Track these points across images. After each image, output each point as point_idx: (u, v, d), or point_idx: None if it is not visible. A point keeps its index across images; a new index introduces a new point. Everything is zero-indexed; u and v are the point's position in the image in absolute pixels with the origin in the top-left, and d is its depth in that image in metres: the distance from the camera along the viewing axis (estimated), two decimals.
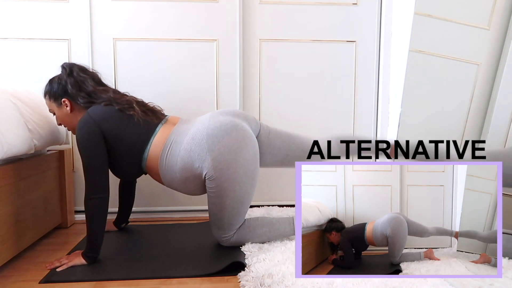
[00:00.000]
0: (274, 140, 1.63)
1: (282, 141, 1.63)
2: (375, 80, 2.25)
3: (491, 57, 1.93)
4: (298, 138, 1.66)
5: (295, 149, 1.63)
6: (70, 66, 1.57)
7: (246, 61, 2.17)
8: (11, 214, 1.44)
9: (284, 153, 1.63)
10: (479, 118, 1.95)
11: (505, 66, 1.89)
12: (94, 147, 1.46)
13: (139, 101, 1.62)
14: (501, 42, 1.91)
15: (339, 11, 2.19)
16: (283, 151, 1.63)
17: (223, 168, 1.45)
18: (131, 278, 1.34)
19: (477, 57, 1.93)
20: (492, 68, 1.93)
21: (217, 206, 1.50)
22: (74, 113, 1.57)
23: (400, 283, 1.17)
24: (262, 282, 1.22)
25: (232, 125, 1.49)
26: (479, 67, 1.93)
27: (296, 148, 1.63)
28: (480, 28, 1.90)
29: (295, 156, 1.63)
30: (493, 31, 1.90)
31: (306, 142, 1.65)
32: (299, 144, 1.64)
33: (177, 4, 2.08)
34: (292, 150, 1.63)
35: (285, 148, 1.63)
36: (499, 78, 1.91)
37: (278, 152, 1.63)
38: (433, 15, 1.90)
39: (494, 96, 1.93)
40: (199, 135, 1.47)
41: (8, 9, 2.01)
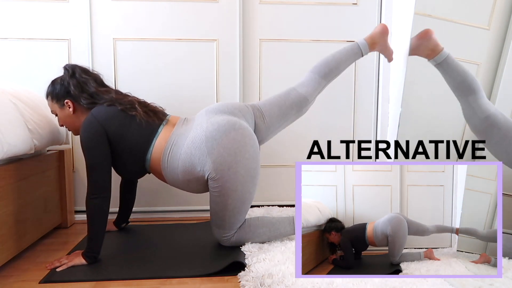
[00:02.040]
0: (270, 120, 1.64)
1: (277, 116, 1.65)
2: (375, 80, 2.25)
3: (491, 57, 1.93)
4: (288, 100, 1.66)
5: (289, 110, 1.66)
6: (72, 67, 1.57)
7: (246, 61, 2.18)
8: (11, 214, 1.44)
9: (283, 123, 1.68)
10: None
11: (505, 66, 1.89)
12: (98, 147, 1.46)
13: (141, 101, 1.62)
14: (501, 42, 1.91)
15: (339, 11, 2.19)
16: (282, 122, 1.67)
17: (224, 169, 1.45)
18: (131, 278, 1.34)
19: (477, 57, 1.93)
20: (492, 68, 1.93)
21: (219, 205, 1.50)
22: (76, 114, 1.57)
23: (400, 283, 1.17)
24: (262, 282, 1.22)
25: (230, 125, 1.49)
26: (479, 67, 1.93)
27: (291, 110, 1.66)
28: (480, 28, 1.90)
29: (293, 116, 1.69)
30: (493, 31, 1.90)
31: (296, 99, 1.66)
32: (292, 105, 1.66)
33: (177, 4, 2.08)
34: (289, 115, 1.67)
35: (282, 119, 1.66)
36: (499, 78, 1.91)
37: (278, 127, 1.68)
38: (433, 15, 1.90)
39: (494, 96, 1.93)
40: (198, 138, 1.48)
41: (8, 9, 2.01)
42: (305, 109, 1.70)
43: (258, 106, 1.65)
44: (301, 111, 1.69)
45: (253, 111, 1.63)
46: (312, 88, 1.68)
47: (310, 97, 1.68)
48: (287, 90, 1.68)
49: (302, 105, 1.67)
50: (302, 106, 1.67)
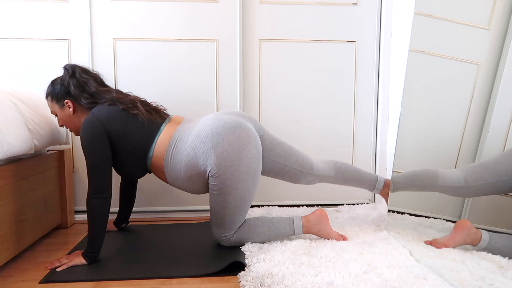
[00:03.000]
0: (276, 147, 1.66)
1: (283, 150, 1.66)
2: (375, 80, 2.25)
3: (491, 57, 1.93)
4: (298, 152, 1.70)
5: (293, 162, 1.67)
6: (72, 67, 1.57)
7: (246, 61, 2.18)
8: (11, 214, 1.44)
9: (283, 163, 1.66)
10: (479, 118, 1.95)
11: (505, 66, 1.89)
12: (99, 147, 1.46)
13: (142, 100, 1.62)
14: (501, 42, 1.91)
15: (339, 11, 2.20)
16: (282, 160, 1.66)
17: (226, 165, 1.45)
18: (131, 278, 1.34)
19: (477, 57, 1.93)
20: (492, 68, 1.93)
21: (219, 203, 1.50)
22: (76, 114, 1.57)
23: (400, 283, 1.17)
24: (262, 282, 1.22)
25: (236, 123, 1.50)
26: (479, 67, 1.93)
27: (295, 162, 1.67)
28: (480, 28, 1.90)
29: (292, 169, 1.68)
30: (493, 31, 1.90)
31: (305, 158, 1.70)
32: (298, 158, 1.68)
33: (177, 4, 2.08)
34: (291, 163, 1.67)
35: (284, 158, 1.66)
36: (499, 78, 1.91)
37: (278, 160, 1.66)
38: (433, 15, 1.90)
39: (494, 96, 1.93)
40: (203, 132, 1.48)
41: (8, 9, 2.01)
42: (303, 178, 1.71)
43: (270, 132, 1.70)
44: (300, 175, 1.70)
45: (264, 129, 1.67)
46: (322, 173, 1.72)
47: (316, 172, 1.71)
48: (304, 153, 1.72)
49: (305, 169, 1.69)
50: (304, 171, 1.69)
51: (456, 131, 1.99)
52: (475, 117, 1.96)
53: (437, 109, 2.00)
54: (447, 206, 2.07)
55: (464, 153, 2.03)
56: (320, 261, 1.36)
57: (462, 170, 1.59)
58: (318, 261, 1.36)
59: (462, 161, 2.04)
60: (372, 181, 1.78)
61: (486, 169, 1.56)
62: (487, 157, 1.75)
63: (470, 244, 1.58)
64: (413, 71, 1.89)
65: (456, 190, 1.59)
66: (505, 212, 1.99)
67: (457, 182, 1.58)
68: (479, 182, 1.56)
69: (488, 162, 1.59)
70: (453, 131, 2.00)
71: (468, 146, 2.02)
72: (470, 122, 1.96)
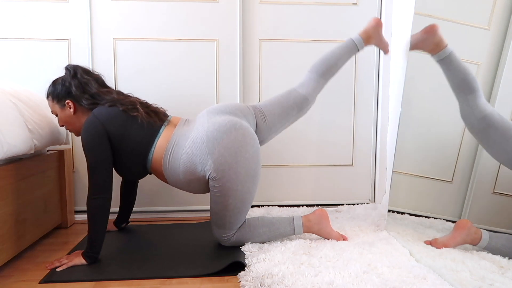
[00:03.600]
0: (272, 121, 1.66)
1: (278, 116, 1.67)
2: (375, 80, 2.25)
3: (491, 57, 1.93)
4: (288, 100, 1.68)
5: (290, 110, 1.68)
6: (74, 68, 1.57)
7: (246, 61, 2.18)
8: (11, 214, 1.44)
9: (284, 123, 1.70)
10: None
11: (505, 66, 1.89)
12: (99, 147, 1.46)
13: (142, 102, 1.62)
14: (501, 42, 1.91)
15: (339, 11, 2.19)
16: (283, 123, 1.69)
17: (224, 169, 1.45)
18: (131, 278, 1.34)
19: (477, 57, 1.93)
20: (492, 68, 1.93)
21: (220, 205, 1.50)
22: (77, 115, 1.57)
23: (400, 283, 1.17)
24: (262, 282, 1.22)
25: (231, 125, 1.49)
26: (479, 67, 1.93)
27: (291, 111, 1.68)
28: (480, 28, 1.90)
29: (294, 116, 1.70)
30: (493, 31, 1.91)
31: (296, 99, 1.68)
32: (292, 105, 1.68)
33: (177, 4, 2.08)
34: (291, 115, 1.69)
35: (283, 119, 1.68)
36: (499, 78, 1.91)
37: (280, 127, 1.69)
38: (433, 15, 1.90)
39: (494, 96, 1.93)
40: (199, 138, 1.48)
41: (8, 9, 2.01)
42: (306, 109, 1.71)
43: (259, 107, 1.66)
44: (302, 111, 1.71)
45: (254, 111, 1.63)
46: (311, 87, 1.70)
47: (310, 96, 1.69)
48: (288, 90, 1.70)
49: (303, 105, 1.69)
50: (303, 106, 1.69)
51: (456, 131, 1.99)
52: None
53: (437, 109, 2.00)
54: (447, 206, 2.08)
55: (464, 152, 2.04)
56: (320, 261, 1.36)
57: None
58: (318, 261, 1.36)
59: (462, 161, 2.04)
60: (351, 46, 1.72)
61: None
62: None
63: (470, 244, 1.58)
64: (413, 71, 1.89)
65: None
66: (505, 212, 1.99)
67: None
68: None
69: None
70: (453, 131, 2.00)
71: (468, 145, 2.02)
72: None
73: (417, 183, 2.08)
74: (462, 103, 1.65)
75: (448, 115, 1.97)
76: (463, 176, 2.04)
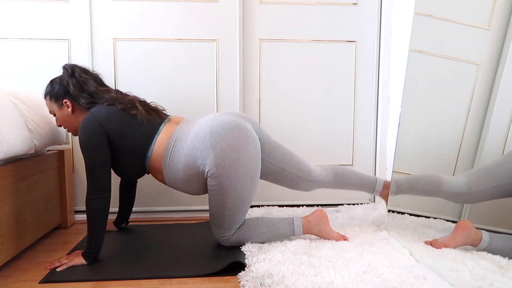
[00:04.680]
0: (275, 150, 1.65)
1: (282, 154, 1.66)
2: (375, 80, 2.25)
3: (491, 57, 1.93)
4: (297, 157, 1.70)
5: (291, 167, 1.66)
6: (72, 67, 1.57)
7: (246, 61, 2.18)
8: (11, 214, 1.44)
9: (281, 166, 1.66)
10: (479, 118, 1.95)
11: (505, 66, 1.89)
12: (98, 147, 1.46)
13: (141, 100, 1.62)
14: (501, 42, 1.91)
15: (339, 11, 2.20)
16: (280, 164, 1.65)
17: (225, 165, 1.45)
18: (131, 278, 1.34)
19: (477, 57, 1.93)
20: (492, 68, 1.93)
21: (218, 204, 1.50)
22: (75, 114, 1.57)
23: (400, 283, 1.17)
24: (262, 282, 1.22)
25: (235, 123, 1.50)
26: (479, 67, 1.93)
27: (293, 166, 1.67)
28: (480, 28, 1.90)
29: (290, 174, 1.67)
30: (493, 31, 1.90)
31: (303, 164, 1.69)
32: (297, 163, 1.68)
33: (177, 4, 2.08)
34: (289, 167, 1.66)
35: (282, 162, 1.66)
36: (499, 78, 1.91)
37: (276, 164, 1.65)
38: (433, 15, 1.90)
39: (494, 96, 1.93)
40: (202, 132, 1.48)
41: (8, 9, 2.01)
42: (300, 185, 1.70)
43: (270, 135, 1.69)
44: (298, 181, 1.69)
45: (263, 131, 1.66)
46: (319, 180, 1.71)
47: (313, 183, 1.70)
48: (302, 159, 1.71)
49: (302, 175, 1.68)
50: (302, 176, 1.68)
51: (456, 131, 1.99)
52: (475, 117, 1.96)
53: (437, 109, 2.00)
54: (447, 206, 2.07)
55: (464, 153, 2.03)
56: (320, 261, 1.36)
57: (465, 176, 1.58)
58: (318, 261, 1.36)
59: (462, 161, 2.03)
60: (372, 183, 1.78)
61: (488, 174, 1.56)
62: (488, 161, 1.75)
63: (471, 245, 1.58)
64: (413, 71, 1.89)
65: (460, 196, 1.58)
66: (505, 213, 1.99)
67: (460, 188, 1.57)
68: (482, 187, 1.55)
69: (489, 166, 1.59)
70: (453, 131, 2.00)
71: (468, 146, 2.02)
72: (470, 122, 1.96)
73: None
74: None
75: (448, 115, 1.97)
76: None
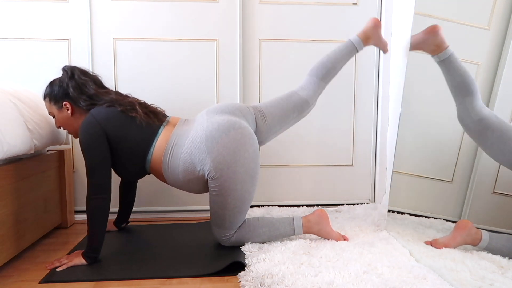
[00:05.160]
0: (272, 122, 1.66)
1: (278, 117, 1.67)
2: (375, 80, 2.25)
3: (491, 57, 1.93)
4: (289, 103, 1.68)
5: (291, 116, 1.69)
6: (71, 68, 1.56)
7: (246, 61, 2.17)
8: (11, 214, 1.44)
9: (284, 126, 1.71)
10: None
11: (505, 66, 1.89)
12: (98, 147, 1.46)
13: (141, 102, 1.62)
14: (501, 42, 1.91)
15: (339, 11, 2.19)
16: (283, 125, 1.69)
17: (223, 168, 1.45)
18: (131, 278, 1.34)
19: (477, 57, 1.93)
20: (492, 68, 1.93)
21: (219, 204, 1.50)
22: (74, 116, 1.57)
23: (400, 283, 1.17)
24: (262, 282, 1.22)
25: (230, 124, 1.49)
26: (479, 67, 1.93)
27: (292, 113, 1.69)
28: (480, 28, 1.90)
29: (294, 118, 1.71)
30: (493, 31, 1.91)
31: (297, 102, 1.68)
32: (293, 107, 1.68)
33: (177, 4, 2.08)
34: (291, 117, 1.69)
35: (283, 121, 1.68)
36: (499, 78, 1.91)
37: (279, 129, 1.70)
38: (433, 15, 1.90)
39: (494, 96, 1.93)
40: (198, 138, 1.48)
41: (8, 9, 2.01)
42: (306, 112, 1.72)
43: (259, 108, 1.66)
44: (302, 114, 1.72)
45: (254, 112, 1.63)
46: (312, 90, 1.70)
47: (311, 99, 1.70)
48: (289, 93, 1.71)
49: (303, 108, 1.69)
50: (303, 109, 1.70)
51: (456, 131, 1.99)
52: None
53: (437, 109, 2.00)
54: (447, 206, 2.08)
55: (464, 153, 2.04)
56: (320, 261, 1.36)
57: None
58: (318, 261, 1.36)
59: (462, 161, 2.04)
60: (350, 48, 1.72)
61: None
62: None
63: (471, 245, 1.58)
64: (413, 71, 1.89)
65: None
66: (505, 212, 1.99)
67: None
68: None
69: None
70: (453, 131, 2.00)
71: (468, 146, 2.02)
72: None
73: (417, 183, 2.08)
74: (460, 105, 1.65)
75: (448, 115, 1.97)
76: (463, 176, 2.04)
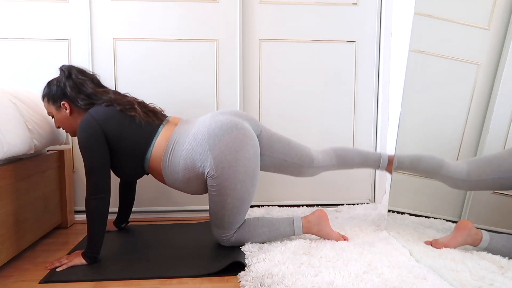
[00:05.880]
0: (275, 143, 1.65)
1: (282, 146, 1.66)
2: (375, 80, 2.25)
3: (491, 57, 1.92)
4: (298, 146, 1.69)
5: (293, 156, 1.66)
6: (68, 68, 1.56)
7: (246, 61, 2.17)
8: (11, 214, 1.44)
9: (283, 158, 1.65)
10: (479, 118, 1.95)
11: (505, 66, 1.88)
12: (96, 147, 1.46)
13: (140, 102, 1.62)
14: (501, 42, 1.91)
15: (339, 11, 2.19)
16: (281, 156, 1.65)
17: (224, 166, 1.45)
18: (131, 278, 1.34)
19: (477, 57, 1.93)
20: (492, 68, 1.93)
21: (218, 204, 1.50)
22: (73, 116, 1.57)
23: (400, 283, 1.17)
24: (262, 282, 1.22)
25: (233, 124, 1.49)
26: (479, 67, 1.93)
27: (295, 156, 1.66)
28: (480, 28, 1.90)
29: (293, 164, 1.67)
30: (493, 31, 1.90)
31: (304, 151, 1.69)
32: (298, 152, 1.67)
33: (177, 4, 2.08)
34: (291, 157, 1.66)
35: (284, 153, 1.65)
36: (499, 78, 1.91)
37: (277, 156, 1.65)
38: (433, 15, 1.90)
39: (494, 96, 1.93)
40: (200, 134, 1.48)
41: (8, 9, 2.01)
42: (305, 169, 1.69)
43: (268, 128, 1.68)
44: (301, 167, 1.68)
45: (261, 126, 1.66)
46: (323, 164, 1.70)
47: (316, 163, 1.69)
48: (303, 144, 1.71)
49: (304, 163, 1.67)
50: (304, 163, 1.67)
51: (456, 131, 1.99)
52: (475, 117, 1.96)
53: (437, 109, 2.00)
54: (447, 206, 2.07)
55: (464, 153, 2.03)
56: (320, 261, 1.36)
57: (467, 163, 1.59)
58: (318, 261, 1.36)
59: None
60: (376, 160, 1.76)
61: (489, 164, 1.56)
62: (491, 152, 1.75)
63: (471, 245, 1.58)
64: (413, 71, 1.89)
65: (458, 182, 1.59)
66: (506, 213, 1.99)
67: (459, 174, 1.58)
68: (482, 177, 1.55)
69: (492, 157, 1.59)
70: (453, 131, 2.00)
71: (468, 146, 2.02)
72: (470, 122, 1.96)
73: (417, 183, 2.08)
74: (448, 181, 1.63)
75: (448, 115, 1.97)
76: None
